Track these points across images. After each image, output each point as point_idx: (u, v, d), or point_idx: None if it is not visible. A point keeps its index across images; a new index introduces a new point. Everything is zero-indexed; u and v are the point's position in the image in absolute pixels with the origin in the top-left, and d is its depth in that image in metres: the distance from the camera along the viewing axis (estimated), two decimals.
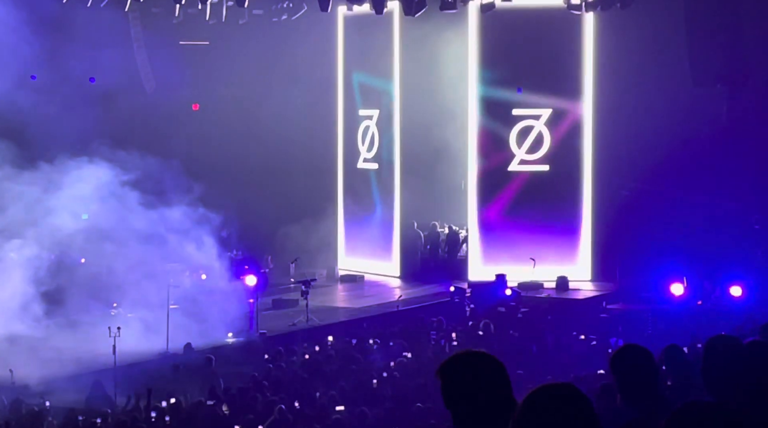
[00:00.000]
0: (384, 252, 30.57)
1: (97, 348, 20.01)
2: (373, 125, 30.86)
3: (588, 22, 28.15)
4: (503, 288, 25.16)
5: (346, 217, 31.85)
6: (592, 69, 28.39)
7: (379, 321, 23.63)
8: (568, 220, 28.56)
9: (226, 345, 21.81)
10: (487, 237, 28.82)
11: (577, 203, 28.68)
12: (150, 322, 21.80)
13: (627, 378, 5.63)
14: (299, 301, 24.97)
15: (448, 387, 4.22)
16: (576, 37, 28.30)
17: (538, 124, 28.70)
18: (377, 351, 20.27)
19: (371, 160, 31.05)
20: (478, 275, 27.87)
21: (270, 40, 30.21)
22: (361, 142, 31.20)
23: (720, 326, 18.61)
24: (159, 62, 29.39)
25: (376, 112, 30.74)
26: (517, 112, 28.80)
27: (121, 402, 17.52)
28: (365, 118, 31.10)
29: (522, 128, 28.82)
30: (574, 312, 24.71)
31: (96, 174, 23.07)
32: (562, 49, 28.36)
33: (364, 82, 31.04)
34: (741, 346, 5.58)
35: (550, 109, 28.64)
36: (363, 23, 30.21)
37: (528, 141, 28.79)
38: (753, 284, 22.50)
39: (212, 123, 29.65)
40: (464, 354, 4.29)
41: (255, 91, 30.62)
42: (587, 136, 28.60)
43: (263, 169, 29.89)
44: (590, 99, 28.48)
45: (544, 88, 28.45)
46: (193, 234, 23.80)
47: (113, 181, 23.18)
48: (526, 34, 28.21)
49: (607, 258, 27.66)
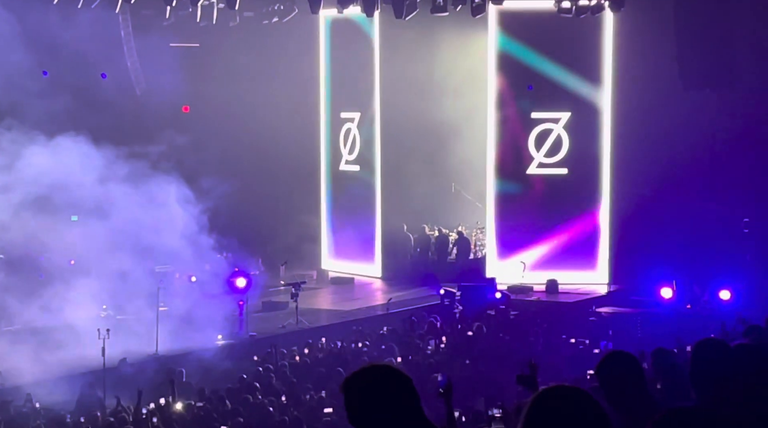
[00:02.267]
0: (367, 254, 30.64)
1: (87, 349, 19.96)
2: (354, 127, 30.96)
3: (607, 25, 28.11)
4: (493, 291, 25.19)
5: (330, 219, 31.92)
6: (612, 72, 28.31)
7: (368, 324, 23.61)
8: (586, 224, 28.54)
9: (215, 347, 21.77)
10: (504, 241, 28.81)
11: (595, 206, 28.66)
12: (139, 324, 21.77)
13: (612, 385, 5.65)
14: (289, 303, 24.96)
15: (353, 403, 3.98)
16: (595, 39, 28.26)
17: (557, 127, 28.69)
18: (367, 353, 20.28)
19: (353, 162, 31.15)
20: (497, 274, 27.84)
21: (259, 43, 30.27)
22: (343, 144, 31.29)
23: (709, 329, 18.65)
24: (149, 64, 29.37)
25: (357, 115, 30.83)
26: (535, 115, 28.80)
27: (111, 404, 17.50)
28: (347, 120, 31.19)
29: (540, 132, 28.80)
30: (563, 315, 24.74)
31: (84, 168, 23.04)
32: (580, 52, 28.35)
33: (345, 84, 31.11)
34: (729, 349, 5.60)
35: (569, 112, 28.62)
36: (345, 27, 30.30)
37: (546, 144, 28.77)
38: (742, 288, 22.55)
39: (202, 125, 29.61)
40: (369, 368, 4.07)
41: (244, 93, 30.69)
42: (606, 140, 28.55)
43: (252, 170, 29.90)
44: (609, 102, 28.39)
45: (563, 90, 28.44)
46: (182, 236, 23.76)
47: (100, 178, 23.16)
48: (544, 37, 28.24)
49: (620, 261, 27.75)
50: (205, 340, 21.77)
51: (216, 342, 22.25)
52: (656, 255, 25.29)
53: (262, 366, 19.46)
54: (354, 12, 28.08)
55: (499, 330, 22.19)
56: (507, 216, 28.81)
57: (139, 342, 21.23)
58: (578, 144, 28.57)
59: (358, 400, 3.95)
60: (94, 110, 25.27)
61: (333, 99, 31.73)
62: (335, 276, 30.66)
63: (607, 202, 28.50)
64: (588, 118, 28.46)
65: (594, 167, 28.58)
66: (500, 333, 21.95)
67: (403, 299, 26.86)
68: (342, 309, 26.53)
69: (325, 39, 31.53)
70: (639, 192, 27.17)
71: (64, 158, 22.61)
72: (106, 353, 18.99)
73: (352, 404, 3.97)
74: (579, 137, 28.56)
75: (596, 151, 28.57)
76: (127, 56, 29.34)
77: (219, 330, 22.62)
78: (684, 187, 26.96)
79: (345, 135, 31.31)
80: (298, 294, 24.15)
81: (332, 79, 31.70)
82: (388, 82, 29.78)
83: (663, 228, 26.53)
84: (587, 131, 28.47)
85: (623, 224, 27.89)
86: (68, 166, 22.73)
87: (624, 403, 5.46)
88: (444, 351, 20.52)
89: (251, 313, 23.99)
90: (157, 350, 21.22)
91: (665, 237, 26.23)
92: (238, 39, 29.97)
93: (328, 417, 15.30)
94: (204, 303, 23.69)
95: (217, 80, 30.68)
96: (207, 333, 22.10)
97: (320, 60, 31.75)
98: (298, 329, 23.59)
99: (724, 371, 5.33)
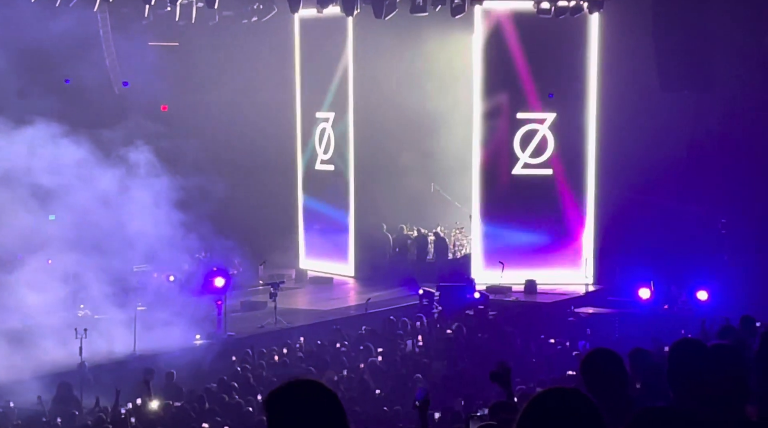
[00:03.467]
0: (341, 254, 30.68)
1: (65, 349, 19.88)
2: (329, 127, 31.01)
3: (592, 26, 28.11)
4: (472, 292, 25.22)
5: (305, 219, 31.98)
6: (597, 73, 28.27)
7: (347, 324, 23.61)
8: (571, 224, 28.57)
9: (194, 347, 21.72)
10: (490, 241, 28.81)
11: (580, 207, 28.68)
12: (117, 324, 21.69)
13: (596, 380, 5.68)
14: (267, 303, 24.93)
15: (275, 421, 3.79)
16: (580, 41, 28.23)
17: (543, 127, 28.72)
18: (346, 353, 20.28)
19: (327, 161, 31.20)
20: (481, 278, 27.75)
21: (238, 42, 30.25)
22: (318, 143, 31.33)
23: (687, 330, 18.75)
24: (128, 63, 29.27)
25: (332, 115, 30.88)
26: (521, 115, 28.83)
27: (88, 404, 17.44)
28: (322, 120, 31.24)
29: (526, 132, 28.84)
30: (542, 315, 24.81)
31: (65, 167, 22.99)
32: (566, 53, 28.35)
33: (320, 84, 31.16)
34: (705, 349, 5.63)
35: (554, 113, 28.67)
36: (320, 26, 30.33)
37: (532, 145, 28.80)
38: (719, 288, 22.66)
39: (180, 125, 29.52)
40: (293, 384, 3.85)
41: (222, 92, 30.68)
42: (591, 140, 28.56)
43: (230, 170, 29.84)
44: (594, 103, 28.37)
45: (549, 91, 28.43)
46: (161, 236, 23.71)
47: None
48: (529, 39, 28.24)
49: (601, 262, 27.84)
50: (184, 340, 21.72)
51: (194, 341, 22.20)
52: (635, 256, 25.40)
53: (240, 366, 19.43)
54: (332, 12, 28.09)
55: (478, 331, 22.23)
56: (492, 217, 28.82)
57: (117, 342, 21.16)
58: (563, 145, 28.61)
59: (281, 418, 3.76)
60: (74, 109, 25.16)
61: (308, 99, 31.75)
62: (314, 275, 30.66)
63: (592, 202, 28.55)
64: (573, 119, 28.49)
65: (579, 168, 28.62)
66: (479, 334, 21.99)
67: (381, 299, 26.87)
68: (320, 309, 26.52)
69: (300, 39, 31.53)
70: (621, 193, 27.26)
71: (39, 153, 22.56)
72: (84, 352, 18.92)
73: (275, 422, 3.78)
74: (564, 138, 28.60)
75: (581, 152, 28.61)
76: (105, 55, 29.22)
77: (197, 330, 22.57)
78: (662, 189, 27.08)
79: (320, 134, 31.35)
80: (276, 293, 24.11)
81: (307, 78, 31.73)
82: (363, 82, 29.79)
83: (642, 229, 26.64)
84: (572, 132, 28.51)
85: (605, 225, 27.96)
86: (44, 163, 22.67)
87: (605, 399, 5.47)
88: (423, 352, 20.55)
89: (230, 313, 23.94)
90: (135, 349, 21.15)
91: (644, 238, 26.34)
92: (217, 38, 29.91)
93: None
94: (182, 302, 23.63)
95: (196, 79, 30.62)
96: (185, 333, 22.05)
97: (295, 60, 31.77)
98: (276, 329, 23.56)
99: (700, 371, 5.36)
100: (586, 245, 28.51)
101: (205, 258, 27.28)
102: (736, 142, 26.65)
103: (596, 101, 28.21)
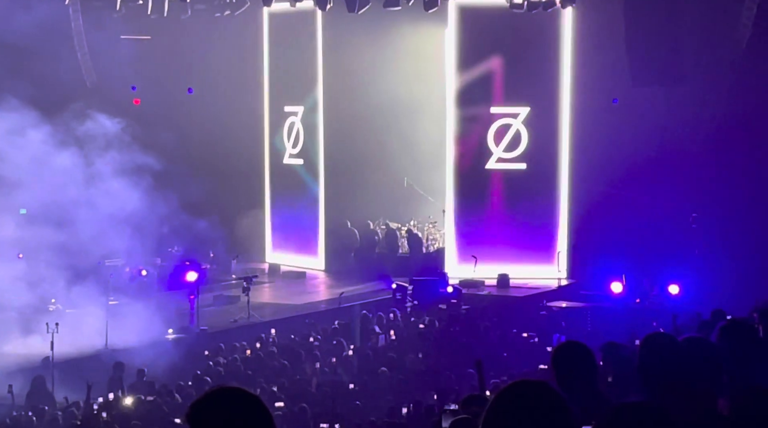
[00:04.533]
0: (311, 248, 30.67)
1: (35, 343, 19.78)
2: (298, 121, 30.98)
3: (566, 20, 28.13)
4: (445, 286, 25.26)
5: (274, 213, 31.99)
6: (570, 67, 28.25)
7: (320, 318, 23.60)
8: (543, 219, 28.61)
9: (166, 342, 21.65)
10: (464, 235, 28.82)
11: (554, 202, 28.74)
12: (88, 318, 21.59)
13: (567, 372, 5.70)
14: (240, 297, 24.89)
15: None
16: (554, 35, 28.19)
17: (516, 122, 28.73)
18: (318, 347, 20.27)
19: (296, 155, 31.19)
20: (455, 273, 27.71)
21: (210, 36, 30.16)
22: (287, 138, 31.29)
23: (659, 324, 18.85)
24: (100, 56, 29.14)
25: (301, 109, 30.86)
26: (495, 110, 28.81)
27: (61, 402, 17.37)
28: (290, 114, 31.19)
29: (499, 127, 28.85)
30: (514, 309, 24.87)
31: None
32: (539, 47, 28.32)
33: (289, 78, 31.12)
34: (676, 343, 5.65)
35: (528, 107, 28.71)
36: (288, 20, 30.28)
37: (506, 139, 28.81)
38: (690, 282, 22.79)
39: (152, 118, 29.41)
40: (217, 392, 3.66)
41: (194, 86, 30.62)
42: (564, 135, 28.54)
43: (202, 164, 29.79)
44: (568, 97, 28.34)
45: (523, 86, 28.47)
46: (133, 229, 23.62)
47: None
48: (503, 33, 28.23)
49: (574, 256, 27.92)
50: (156, 334, 21.64)
51: (167, 336, 22.13)
52: (607, 250, 25.48)
53: (213, 361, 19.39)
54: (303, 5, 28.07)
55: (451, 325, 22.27)
56: (465, 211, 28.84)
57: (88, 337, 21.06)
58: (537, 139, 28.64)
59: (207, 426, 3.57)
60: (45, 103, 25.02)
61: (277, 93, 31.70)
62: (287, 270, 30.62)
63: (565, 197, 28.62)
64: (547, 114, 28.54)
65: (552, 162, 28.67)
66: (451, 328, 22.03)
67: (354, 294, 26.88)
68: (293, 303, 26.50)
69: (270, 32, 31.47)
70: (594, 187, 27.35)
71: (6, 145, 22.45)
72: (55, 347, 18.81)
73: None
74: (538, 132, 28.63)
75: (555, 146, 28.65)
76: (77, 48, 29.07)
77: (170, 325, 22.51)
78: (635, 183, 27.19)
79: (289, 129, 31.31)
80: (249, 288, 24.07)
81: (276, 73, 31.69)
82: (333, 75, 29.77)
83: (614, 224, 26.73)
84: (546, 126, 28.55)
85: (578, 219, 28.06)
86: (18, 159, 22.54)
87: (575, 392, 5.49)
88: (395, 346, 20.57)
89: (202, 307, 23.88)
90: (107, 344, 21.06)
91: (616, 233, 26.45)
92: (190, 32, 29.80)
93: (279, 411, 15.28)
94: (154, 296, 23.53)
95: (168, 73, 30.51)
96: (158, 327, 21.97)
97: (264, 54, 31.71)
98: (249, 323, 23.52)
99: (672, 365, 5.38)
100: (558, 239, 28.59)
101: (177, 253, 27.20)
102: (707, 136, 26.79)
103: (569, 95, 28.27)
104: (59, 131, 23.86)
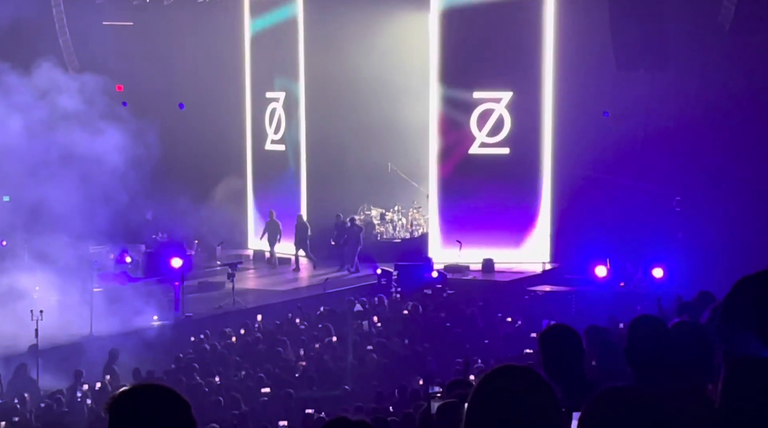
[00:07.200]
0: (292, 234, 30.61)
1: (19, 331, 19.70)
2: (279, 107, 30.94)
3: (549, 4, 28.04)
4: (429, 271, 25.29)
5: (255, 199, 32.00)
6: (553, 52, 28.21)
7: (305, 304, 23.60)
8: (527, 203, 28.61)
9: (151, 329, 21.62)
10: (448, 220, 28.81)
11: (536, 187, 28.74)
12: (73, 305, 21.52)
13: (553, 355, 5.71)
14: (225, 284, 24.85)
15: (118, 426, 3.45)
16: (537, 19, 28.16)
17: (499, 107, 28.69)
18: (304, 333, 20.28)
19: (278, 141, 31.15)
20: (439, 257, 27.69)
21: (192, 22, 30.08)
22: (269, 123, 31.24)
23: (643, 307, 18.90)
24: (82, 42, 29.00)
25: (282, 94, 30.80)
26: (477, 95, 28.75)
27: (44, 387, 17.33)
28: (272, 100, 31.13)
29: (483, 111, 28.81)
30: (499, 294, 24.91)
31: None
32: (523, 32, 28.29)
33: (271, 64, 31.03)
34: (664, 326, 5.66)
35: (510, 92, 28.68)
36: (270, 5, 30.21)
37: (489, 124, 28.78)
38: (674, 266, 22.86)
39: (135, 104, 29.32)
40: (137, 389, 3.54)
41: (177, 72, 30.55)
42: (547, 120, 28.53)
43: (186, 150, 29.74)
44: (550, 82, 28.33)
45: (505, 71, 28.43)
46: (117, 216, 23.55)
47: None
48: (486, 18, 28.15)
49: (558, 240, 27.96)
50: (141, 321, 21.61)
51: (152, 323, 22.09)
52: (591, 234, 25.55)
53: (198, 347, 19.38)
54: None
55: (435, 310, 22.30)
56: (449, 196, 28.83)
57: (73, 324, 20.98)
58: (520, 124, 28.63)
59: (123, 424, 3.45)
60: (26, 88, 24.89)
61: (258, 78, 31.64)
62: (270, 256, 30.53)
63: (549, 181, 28.63)
64: (530, 98, 28.52)
65: (535, 147, 28.67)
66: (436, 313, 22.06)
67: (339, 279, 26.87)
68: (279, 289, 26.48)
69: (250, 18, 31.40)
70: (577, 172, 27.38)
71: None
72: (39, 334, 18.74)
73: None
74: (521, 117, 28.62)
75: (538, 130, 28.63)
76: (59, 34, 28.94)
77: (155, 311, 22.46)
78: (618, 167, 27.25)
79: (270, 114, 31.26)
80: (234, 274, 24.04)
81: (258, 58, 31.61)
82: (315, 61, 29.70)
83: (598, 208, 26.80)
84: (529, 111, 28.53)
85: (561, 203, 28.09)
86: None
87: (561, 375, 5.50)
88: (380, 331, 20.59)
89: (187, 294, 23.84)
90: (92, 331, 21.00)
91: (600, 217, 26.51)
92: (172, 17, 29.69)
93: (265, 397, 15.30)
94: (139, 283, 23.45)
95: (151, 59, 30.40)
96: (143, 314, 21.93)
97: (245, 39, 31.64)
98: (234, 309, 23.50)
99: (660, 349, 5.39)
100: (542, 224, 28.63)
101: (163, 239, 27.14)
102: (691, 121, 26.83)
103: (552, 80, 28.27)
104: (40, 118, 23.73)
